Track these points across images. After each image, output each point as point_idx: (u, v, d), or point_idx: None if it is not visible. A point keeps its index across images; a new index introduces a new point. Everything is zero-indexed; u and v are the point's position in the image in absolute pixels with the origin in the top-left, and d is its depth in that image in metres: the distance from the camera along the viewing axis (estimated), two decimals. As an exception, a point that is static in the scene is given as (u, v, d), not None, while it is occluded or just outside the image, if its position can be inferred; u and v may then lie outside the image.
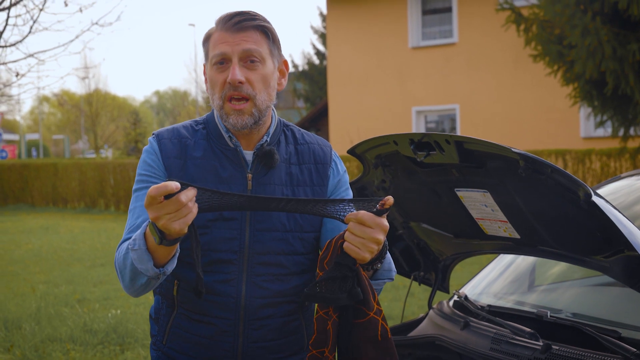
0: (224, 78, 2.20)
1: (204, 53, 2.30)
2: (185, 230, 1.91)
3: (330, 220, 2.31)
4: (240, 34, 2.19)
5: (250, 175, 2.26)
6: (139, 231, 2.03)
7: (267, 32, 2.23)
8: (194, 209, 1.91)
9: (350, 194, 2.42)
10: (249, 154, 2.28)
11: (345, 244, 2.01)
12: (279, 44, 2.29)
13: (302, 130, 2.44)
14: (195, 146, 2.28)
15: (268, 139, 2.29)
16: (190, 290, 2.21)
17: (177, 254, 2.08)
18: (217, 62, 2.21)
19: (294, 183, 2.30)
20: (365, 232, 1.97)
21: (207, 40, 2.27)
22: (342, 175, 2.40)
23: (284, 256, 2.26)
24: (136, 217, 2.23)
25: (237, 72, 2.17)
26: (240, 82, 2.17)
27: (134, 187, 2.30)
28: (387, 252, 2.20)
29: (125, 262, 2.08)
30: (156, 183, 2.08)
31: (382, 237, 1.99)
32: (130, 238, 2.14)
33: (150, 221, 1.95)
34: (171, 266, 2.07)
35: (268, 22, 2.25)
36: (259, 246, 2.23)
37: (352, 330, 2.10)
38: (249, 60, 2.19)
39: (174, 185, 1.84)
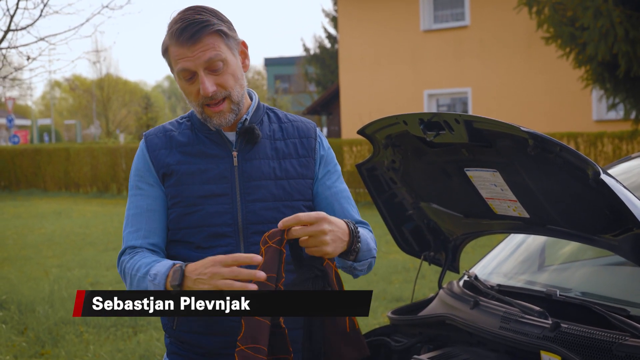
0: (196, 89, 2.27)
1: (167, 63, 2.33)
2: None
3: (322, 192, 2.43)
4: (197, 46, 2.22)
5: (235, 152, 2.35)
6: (162, 271, 2.14)
7: (219, 32, 2.25)
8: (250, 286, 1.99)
9: (338, 169, 2.51)
10: (232, 135, 2.38)
11: (306, 249, 2.10)
12: (233, 32, 2.31)
13: (286, 112, 2.52)
14: (180, 135, 2.39)
15: (248, 117, 2.37)
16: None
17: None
18: (185, 77, 2.26)
19: (280, 156, 2.38)
20: (308, 230, 2.06)
21: (165, 52, 2.30)
22: (327, 152, 2.49)
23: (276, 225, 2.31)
24: (135, 229, 2.35)
25: (207, 85, 2.24)
26: (213, 92, 2.25)
27: (129, 191, 2.43)
28: (361, 233, 2.28)
29: (139, 285, 2.19)
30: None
31: (326, 227, 2.07)
32: (132, 248, 2.32)
33: (179, 268, 2.10)
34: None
35: (216, 20, 2.25)
36: (252, 217, 2.31)
37: (321, 324, 2.17)
38: (212, 67, 2.24)
39: (261, 274, 1.98)
